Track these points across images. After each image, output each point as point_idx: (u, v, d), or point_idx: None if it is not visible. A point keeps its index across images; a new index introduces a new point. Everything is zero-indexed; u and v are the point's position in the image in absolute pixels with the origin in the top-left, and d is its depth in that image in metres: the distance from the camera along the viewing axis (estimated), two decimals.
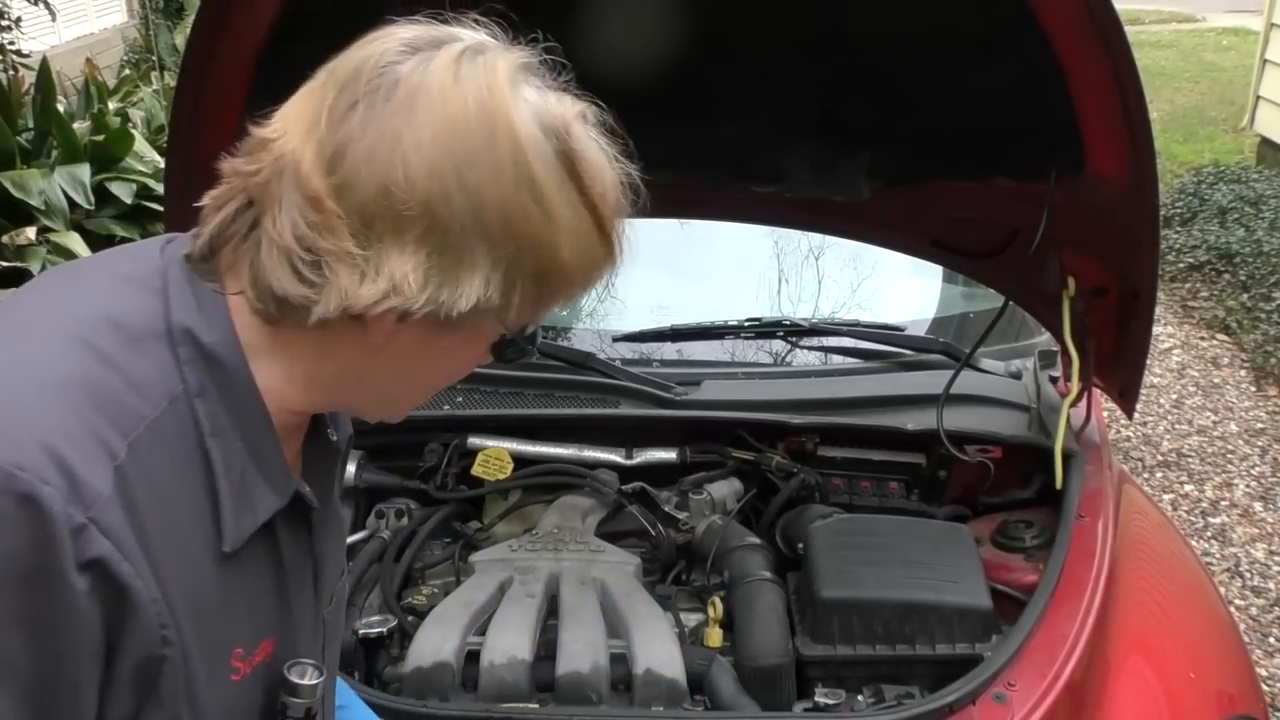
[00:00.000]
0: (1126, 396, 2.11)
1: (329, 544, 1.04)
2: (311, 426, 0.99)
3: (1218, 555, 3.77)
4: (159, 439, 0.81)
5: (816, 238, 2.74)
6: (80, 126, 5.12)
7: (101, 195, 4.67)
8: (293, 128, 0.84)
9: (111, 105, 5.75)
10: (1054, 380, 2.32)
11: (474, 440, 2.11)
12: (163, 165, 4.40)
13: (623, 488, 2.10)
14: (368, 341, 0.86)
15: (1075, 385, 2.03)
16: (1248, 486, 4.21)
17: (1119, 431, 4.50)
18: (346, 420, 1.10)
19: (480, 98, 0.81)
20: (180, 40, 8.26)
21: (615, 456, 2.15)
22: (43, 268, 4.08)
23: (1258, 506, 4.07)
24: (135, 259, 0.91)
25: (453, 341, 0.88)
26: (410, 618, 1.76)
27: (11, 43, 5.84)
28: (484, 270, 0.82)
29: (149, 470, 0.80)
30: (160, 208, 4.12)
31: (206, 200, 0.89)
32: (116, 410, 0.79)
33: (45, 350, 0.81)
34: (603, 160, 0.87)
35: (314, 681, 0.96)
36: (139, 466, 0.79)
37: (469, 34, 0.85)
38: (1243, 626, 3.34)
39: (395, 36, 0.84)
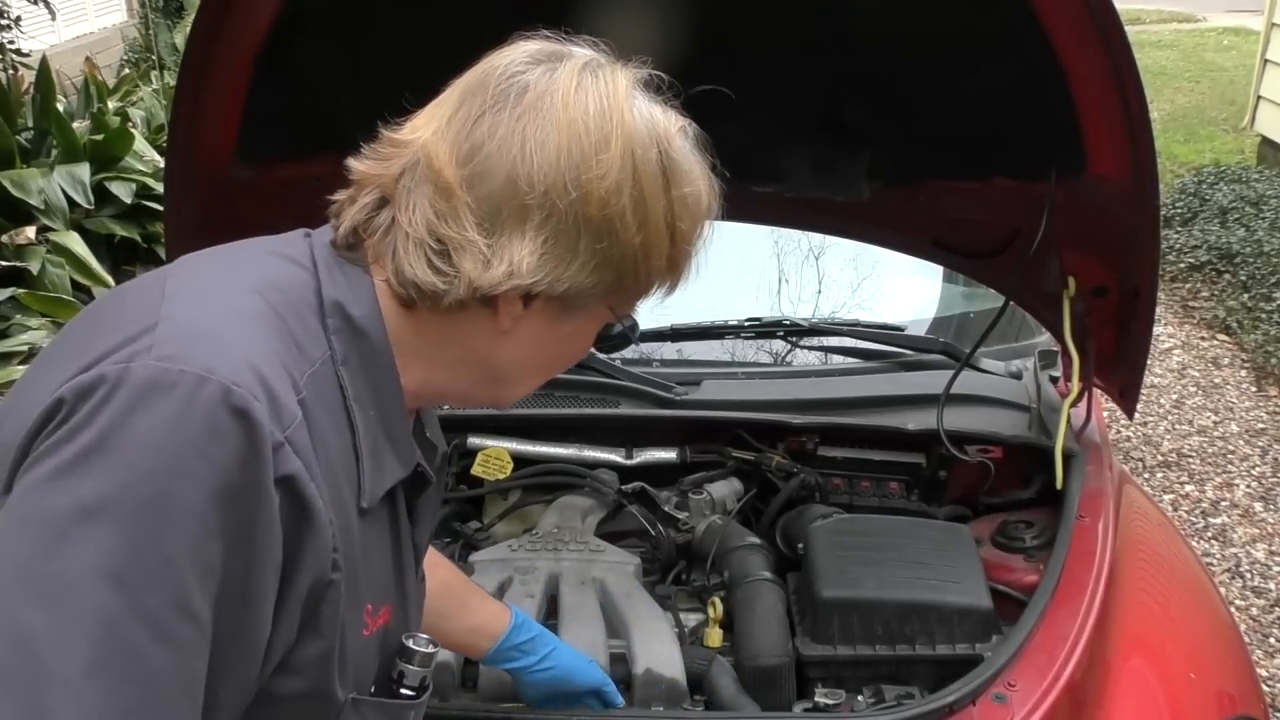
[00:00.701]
0: (1127, 397, 2.11)
1: (423, 531, 1.10)
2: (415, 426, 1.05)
3: (1218, 555, 3.77)
4: (318, 390, 0.88)
5: (816, 238, 2.74)
6: (80, 126, 5.12)
7: (101, 195, 4.67)
8: (424, 128, 0.92)
9: (111, 104, 5.75)
10: (1054, 380, 2.32)
11: (474, 440, 2.11)
12: (162, 165, 4.40)
13: (622, 488, 2.10)
14: (497, 326, 0.94)
15: (1075, 385, 2.03)
16: (1248, 487, 4.21)
17: (1119, 432, 4.50)
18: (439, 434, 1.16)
19: (600, 104, 0.91)
20: (180, 40, 8.27)
21: (615, 456, 2.15)
22: (42, 267, 4.08)
23: (1258, 507, 4.07)
24: (285, 241, 0.99)
25: (571, 326, 0.98)
26: None
27: (11, 42, 5.84)
28: (587, 258, 0.92)
29: (316, 412, 0.87)
30: (160, 207, 4.12)
31: (340, 196, 0.97)
32: (294, 352, 0.87)
33: (236, 296, 0.89)
34: (695, 169, 0.98)
35: (431, 650, 1.03)
36: (311, 405, 0.86)
37: (585, 50, 0.96)
38: (1243, 627, 3.34)
39: (520, 49, 0.94)
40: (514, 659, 1.49)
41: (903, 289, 2.79)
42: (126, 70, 8.01)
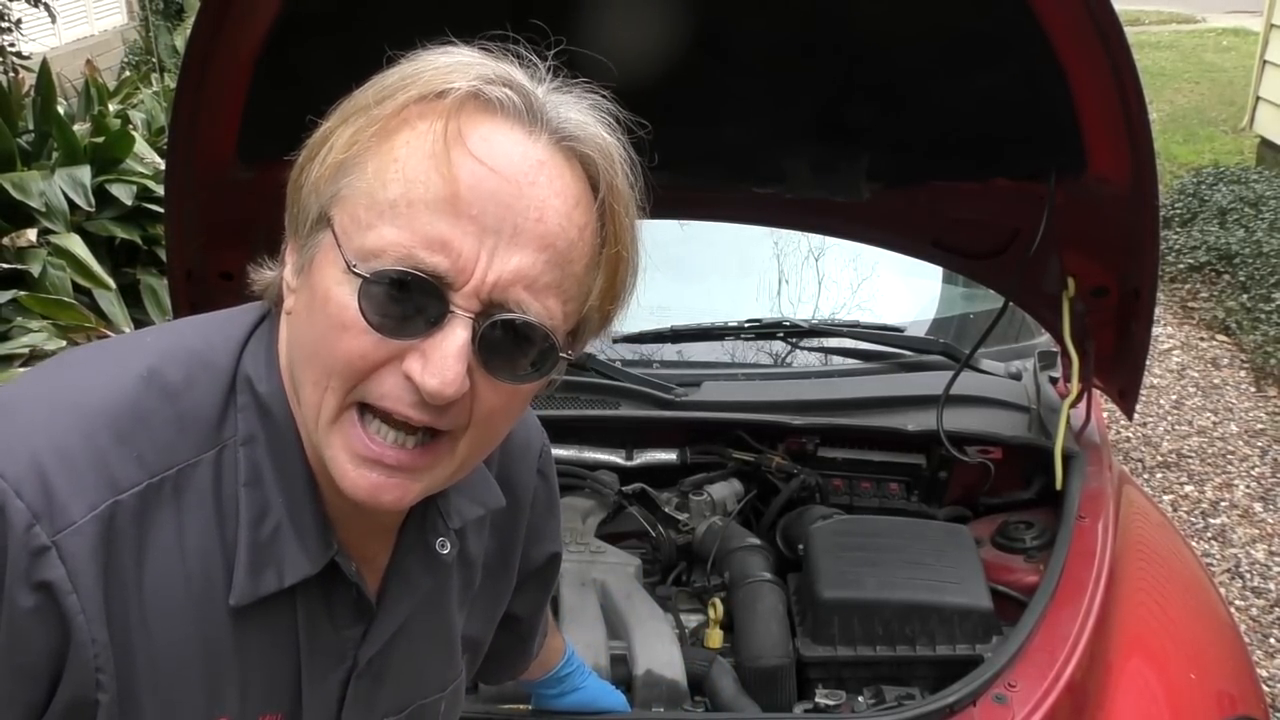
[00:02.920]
0: (1126, 397, 2.11)
1: (401, 657, 0.98)
2: (418, 537, 0.95)
3: (1218, 556, 3.77)
4: (190, 484, 0.82)
5: (816, 238, 2.74)
6: (80, 128, 5.12)
7: (102, 197, 4.67)
8: None
9: (112, 107, 5.75)
10: (1054, 381, 2.32)
11: None
12: (163, 167, 4.40)
13: (623, 489, 2.10)
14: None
15: (1075, 386, 2.03)
16: (1248, 487, 4.21)
17: (1119, 432, 4.50)
18: (508, 544, 1.08)
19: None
20: (180, 41, 8.27)
21: (615, 457, 2.15)
22: (43, 270, 4.08)
23: (1258, 507, 4.07)
24: (251, 307, 0.93)
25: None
26: None
27: (12, 45, 5.85)
28: None
29: (166, 513, 0.81)
30: (161, 209, 4.12)
31: None
32: (148, 446, 0.81)
33: (101, 375, 0.84)
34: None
35: None
36: (151, 507, 0.80)
37: (483, 85, 0.82)
38: (1243, 627, 3.34)
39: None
40: (549, 685, 1.49)
41: (902, 290, 2.79)
42: (127, 73, 8.01)
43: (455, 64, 0.81)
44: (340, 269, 0.78)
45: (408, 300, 0.77)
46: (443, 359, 0.77)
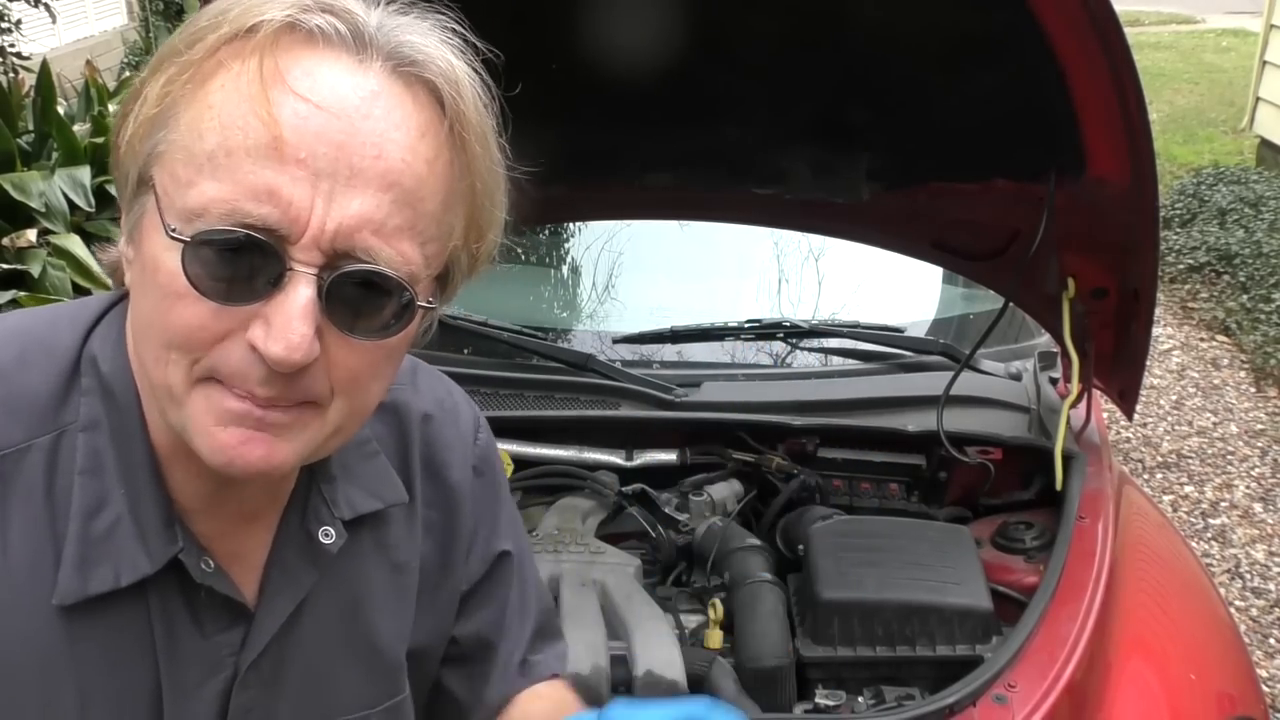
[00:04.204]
0: (1126, 398, 2.11)
1: (302, 666, 0.89)
2: (298, 527, 0.87)
3: (1218, 556, 3.77)
4: (18, 471, 0.77)
5: (816, 239, 2.74)
6: (80, 129, 5.12)
7: (102, 197, 4.67)
8: None
9: (112, 107, 5.75)
10: (1054, 381, 2.32)
11: None
12: None
13: (623, 489, 2.10)
14: None
15: (1075, 386, 2.03)
16: (1248, 488, 4.21)
17: (1119, 433, 4.50)
18: (401, 536, 0.96)
19: None
20: None
21: (615, 458, 2.15)
22: (43, 270, 4.08)
23: (1258, 508, 4.07)
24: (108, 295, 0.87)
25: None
26: None
27: (12, 45, 5.85)
28: None
29: None
30: None
31: None
32: None
33: None
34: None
35: None
36: None
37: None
38: (1243, 628, 3.34)
39: None
40: None
41: (902, 290, 2.79)
42: (127, 73, 8.02)
43: None
44: (164, 233, 0.70)
45: (240, 261, 0.68)
46: (286, 322, 0.68)
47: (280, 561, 0.87)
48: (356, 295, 0.71)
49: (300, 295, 0.69)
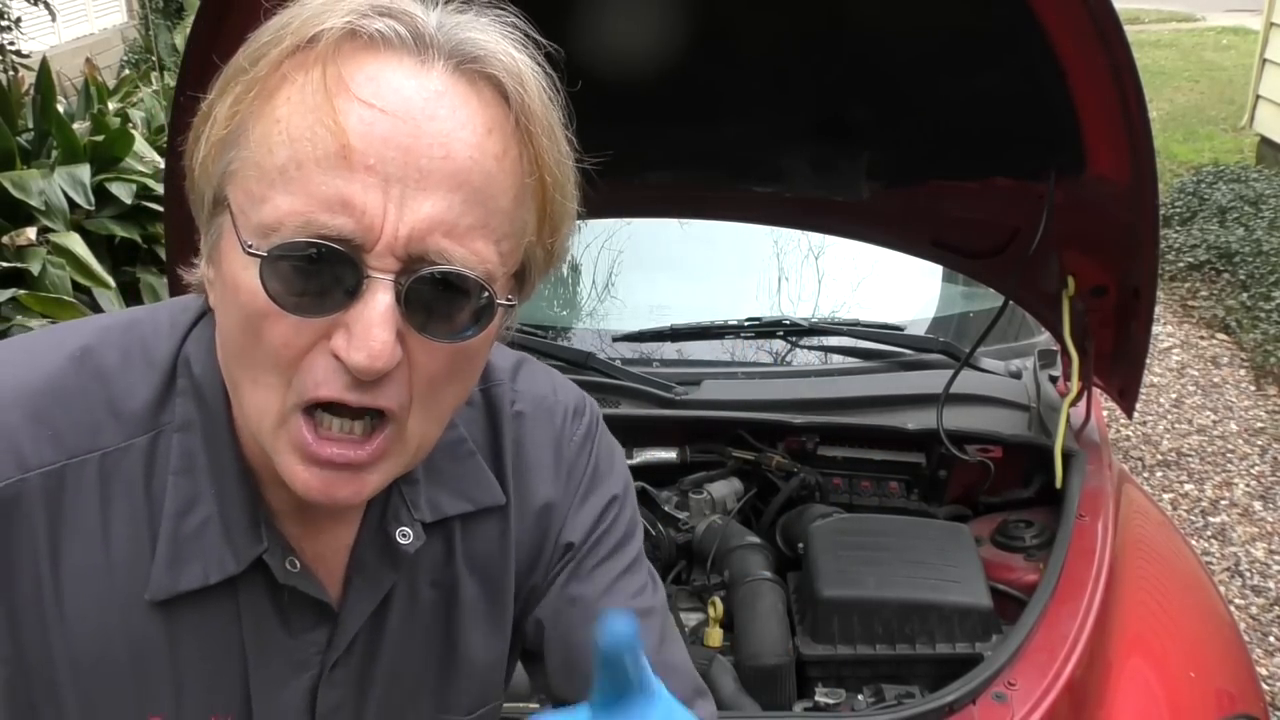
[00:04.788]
0: (1126, 396, 2.11)
1: (390, 670, 0.90)
2: (378, 528, 0.88)
3: (1218, 554, 3.77)
4: (118, 470, 0.79)
5: (816, 237, 2.74)
6: (80, 127, 5.11)
7: (102, 196, 4.66)
8: None
9: (111, 105, 5.75)
10: (1054, 380, 2.32)
11: None
12: (163, 165, 4.39)
13: None
14: None
15: (1075, 385, 2.03)
16: (1247, 486, 4.21)
17: (1119, 431, 4.50)
18: (490, 544, 0.94)
19: None
20: (180, 40, 8.26)
21: None
22: (43, 268, 4.08)
23: (1257, 506, 4.07)
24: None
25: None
26: None
27: (11, 43, 5.84)
28: None
29: (88, 498, 0.78)
30: (160, 208, 4.12)
31: None
32: (67, 426, 0.78)
33: (30, 354, 0.82)
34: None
35: None
36: (69, 489, 0.77)
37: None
38: (1243, 626, 3.34)
39: None
40: None
41: (902, 288, 2.79)
42: (127, 71, 8.01)
43: (326, 3, 0.72)
44: (242, 252, 0.70)
45: (318, 273, 0.69)
46: (366, 329, 0.69)
47: (360, 562, 0.87)
48: (435, 297, 0.71)
49: (379, 302, 0.69)
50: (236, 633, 0.83)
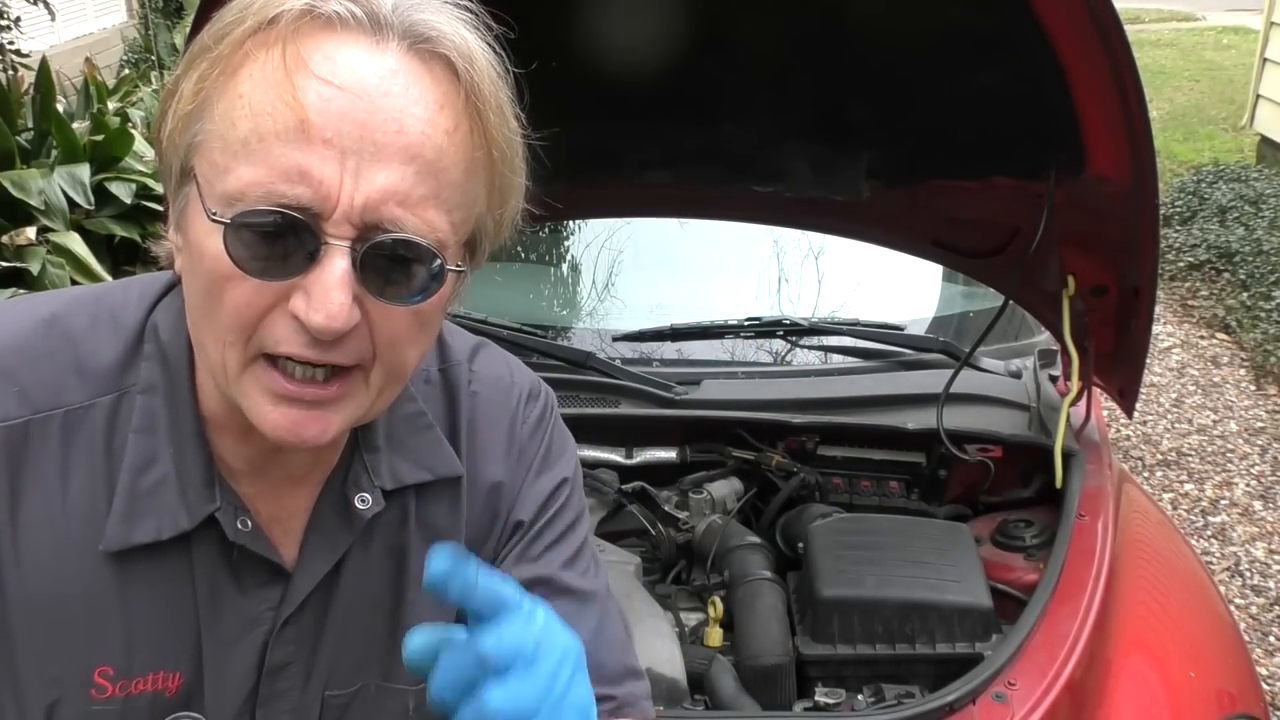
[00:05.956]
0: (1126, 395, 2.11)
1: (340, 628, 0.93)
2: (338, 492, 0.91)
3: (1218, 554, 3.77)
4: (81, 427, 0.83)
5: (816, 237, 2.74)
6: (80, 126, 5.11)
7: (101, 195, 4.66)
8: None
9: (111, 105, 5.75)
10: (1054, 379, 2.32)
11: None
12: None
13: (622, 487, 2.10)
14: None
15: (1075, 384, 2.03)
16: (1247, 485, 4.21)
17: (1119, 430, 4.50)
18: (447, 508, 0.98)
19: None
20: (179, 40, 8.26)
21: (615, 456, 2.15)
22: (42, 268, 4.08)
23: (1258, 505, 4.07)
24: None
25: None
26: None
27: (11, 42, 5.84)
28: None
29: (49, 452, 0.82)
30: (160, 207, 4.12)
31: None
32: (32, 383, 0.83)
33: (9, 314, 0.87)
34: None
35: None
36: (32, 443, 0.82)
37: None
38: (1243, 625, 3.34)
39: None
40: None
41: (902, 288, 2.79)
42: (126, 71, 8.01)
43: None
44: (206, 220, 0.75)
45: (279, 239, 0.74)
46: (324, 292, 0.73)
47: (319, 524, 0.91)
48: (389, 264, 0.76)
49: (336, 267, 0.74)
50: (189, 589, 0.86)
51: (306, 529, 0.91)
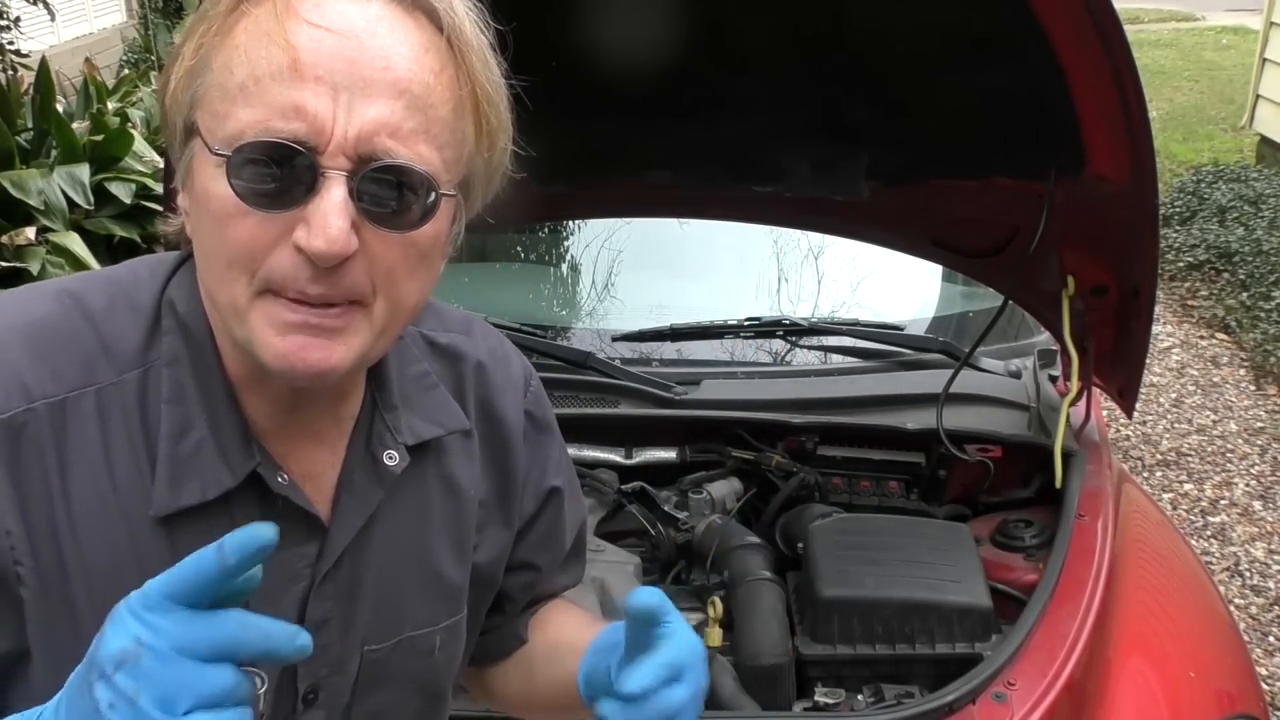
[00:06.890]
0: (1126, 395, 2.11)
1: (376, 581, 0.97)
2: (365, 450, 0.96)
3: (1217, 554, 3.77)
4: (114, 403, 0.86)
5: (816, 237, 2.74)
6: (79, 126, 5.12)
7: (101, 195, 4.67)
8: None
9: (110, 105, 5.75)
10: (1053, 379, 2.32)
11: None
12: (162, 165, 4.39)
13: (622, 487, 2.10)
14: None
15: (1075, 384, 2.03)
16: (1247, 485, 4.21)
17: (1118, 430, 4.50)
18: (470, 466, 1.04)
19: None
20: (179, 40, 8.26)
21: (615, 456, 2.15)
22: (42, 268, 4.08)
23: (1257, 505, 4.08)
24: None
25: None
26: None
27: (10, 43, 5.85)
28: None
29: (89, 428, 0.85)
30: (160, 207, 4.12)
31: None
32: (65, 363, 0.86)
33: (19, 302, 0.90)
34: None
35: (260, 686, 0.89)
36: (71, 420, 0.85)
37: None
38: (1242, 625, 3.34)
39: None
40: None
41: (902, 288, 2.79)
42: (126, 71, 8.01)
43: None
44: (211, 163, 0.79)
45: (277, 172, 0.78)
46: (323, 219, 0.77)
47: (349, 482, 0.95)
48: (385, 192, 0.80)
49: (334, 195, 0.78)
50: None
51: (338, 487, 0.95)
